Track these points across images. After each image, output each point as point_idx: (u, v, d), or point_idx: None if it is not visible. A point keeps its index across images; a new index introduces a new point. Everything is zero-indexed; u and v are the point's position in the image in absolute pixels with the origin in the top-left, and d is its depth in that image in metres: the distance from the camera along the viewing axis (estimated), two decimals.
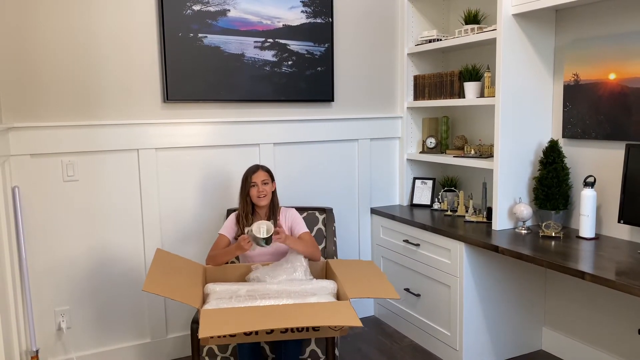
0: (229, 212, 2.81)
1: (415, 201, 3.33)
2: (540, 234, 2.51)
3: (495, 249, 2.38)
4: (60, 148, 2.52)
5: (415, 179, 3.35)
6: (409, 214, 3.09)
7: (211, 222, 2.89)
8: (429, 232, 2.80)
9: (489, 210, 2.81)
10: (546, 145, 2.62)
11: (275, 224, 2.43)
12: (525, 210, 2.58)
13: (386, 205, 3.38)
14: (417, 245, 2.90)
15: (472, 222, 2.84)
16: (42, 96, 2.48)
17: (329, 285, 2.14)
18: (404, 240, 3.00)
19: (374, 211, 3.30)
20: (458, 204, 3.10)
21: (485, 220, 2.83)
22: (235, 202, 2.91)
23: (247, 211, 2.43)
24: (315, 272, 2.35)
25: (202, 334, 1.72)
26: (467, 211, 3.00)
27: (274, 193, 2.48)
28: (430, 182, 3.31)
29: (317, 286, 2.13)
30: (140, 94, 2.66)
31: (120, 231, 2.69)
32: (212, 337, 1.93)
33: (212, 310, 1.89)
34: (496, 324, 2.71)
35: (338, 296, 2.13)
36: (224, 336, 1.93)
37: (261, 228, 2.19)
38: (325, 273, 2.38)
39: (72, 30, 2.50)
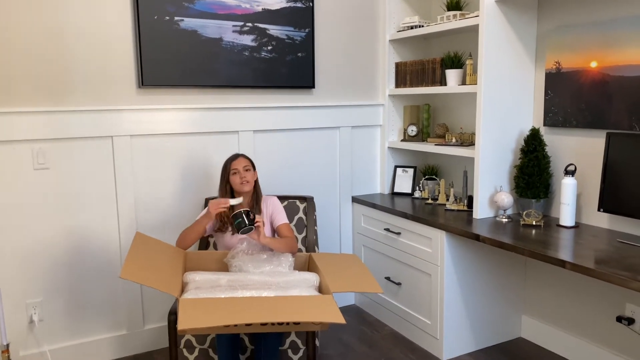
0: (208, 201, 2.75)
1: (396, 189, 3.30)
2: (521, 223, 2.51)
3: (476, 237, 2.37)
4: (30, 135, 2.42)
5: (396, 167, 3.33)
6: (390, 203, 3.06)
7: (189, 211, 2.82)
8: (409, 220, 2.78)
9: (470, 199, 2.80)
10: (527, 133, 2.61)
11: (258, 212, 2.38)
12: (506, 198, 2.57)
13: (367, 193, 3.35)
14: (398, 233, 2.88)
15: (453, 210, 2.83)
16: (10, 81, 2.37)
17: (311, 277, 2.11)
18: (385, 229, 2.98)
19: (355, 200, 3.26)
20: (439, 193, 3.08)
21: (466, 208, 2.82)
22: (214, 191, 2.85)
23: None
24: (297, 265, 2.31)
25: (181, 326, 1.68)
26: (447, 199, 2.98)
27: (256, 182, 2.43)
28: (411, 171, 3.29)
29: (299, 278, 2.09)
30: (114, 79, 2.57)
31: (94, 221, 2.61)
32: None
33: (191, 300, 1.84)
34: (476, 312, 2.71)
35: (320, 289, 2.10)
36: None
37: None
38: (307, 266, 2.34)
39: (42, 12, 2.39)
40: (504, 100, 2.62)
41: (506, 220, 2.59)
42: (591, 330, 2.53)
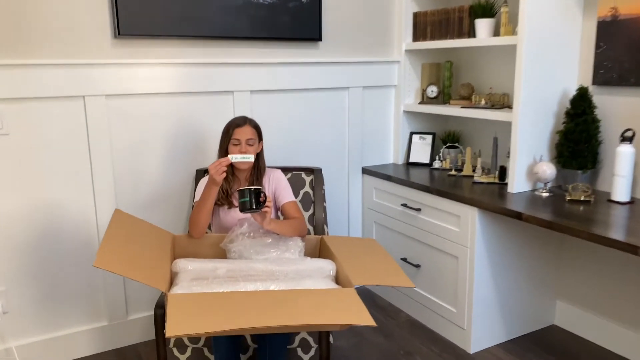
0: (199, 173, 2.36)
1: (412, 159, 2.93)
2: (567, 198, 2.16)
3: (518, 216, 2.02)
4: None
5: (412, 133, 2.94)
6: (406, 174, 2.69)
7: (177, 185, 2.43)
8: (433, 195, 2.41)
9: (502, 170, 2.44)
10: (574, 93, 2.23)
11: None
12: (548, 169, 2.21)
13: (379, 164, 2.97)
14: (418, 210, 2.52)
15: (482, 183, 2.46)
16: None
17: (326, 266, 1.75)
18: (402, 205, 2.61)
19: (365, 171, 2.89)
20: (462, 163, 2.72)
21: (497, 181, 2.46)
22: (205, 162, 2.46)
23: (228, 172, 1.99)
24: (307, 250, 1.94)
25: (170, 332, 1.32)
26: (474, 170, 2.62)
27: (259, 155, 2.03)
28: (429, 138, 2.91)
29: (313, 267, 1.73)
30: (84, 27, 2.13)
31: (66, 197, 2.21)
32: None
33: (183, 297, 1.48)
34: (508, 299, 2.39)
35: (337, 280, 1.74)
36: None
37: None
38: (319, 252, 1.97)
39: None
40: (547, 54, 2.22)
41: (547, 194, 2.24)
42: (636, 318, 2.22)
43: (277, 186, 2.04)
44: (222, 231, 2.00)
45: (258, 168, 2.02)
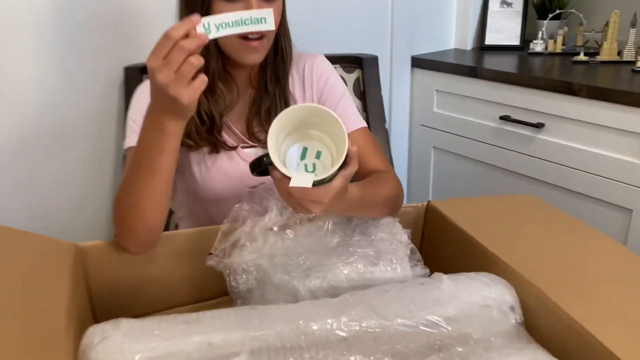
0: (131, 74, 1.15)
1: (488, 41, 1.80)
2: None
3: None
4: None
5: None
6: (496, 64, 1.58)
7: (90, 107, 1.20)
8: (579, 98, 1.32)
9: None
10: None
11: (282, 97, 0.81)
12: None
13: (434, 50, 1.82)
14: (538, 126, 1.43)
15: None
16: None
17: (498, 296, 0.67)
18: (501, 117, 1.51)
19: (418, 62, 1.73)
20: (587, 42, 1.63)
21: None
22: (142, 49, 1.22)
23: (212, 69, 0.78)
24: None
25: None
26: (619, 53, 1.53)
27: (282, 23, 0.84)
28: (517, 4, 1.77)
29: (465, 304, 0.64)
30: None
31: None
32: None
33: None
34: None
35: (536, 333, 0.65)
36: None
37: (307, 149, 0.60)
38: (421, 237, 0.88)
39: None
40: None
41: None
42: None
43: (325, 91, 0.87)
44: (206, 212, 0.86)
45: (280, 51, 0.83)
